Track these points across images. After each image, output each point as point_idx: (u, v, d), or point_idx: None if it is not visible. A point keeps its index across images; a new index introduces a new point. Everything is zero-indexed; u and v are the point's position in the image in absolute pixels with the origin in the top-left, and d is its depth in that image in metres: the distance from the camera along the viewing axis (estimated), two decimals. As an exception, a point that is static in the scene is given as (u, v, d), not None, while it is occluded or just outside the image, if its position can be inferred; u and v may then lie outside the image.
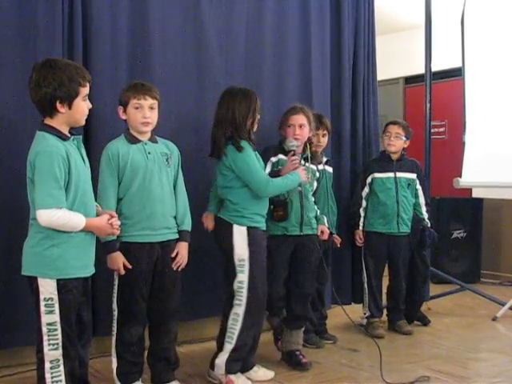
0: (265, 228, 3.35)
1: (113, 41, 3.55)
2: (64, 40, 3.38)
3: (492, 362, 3.72)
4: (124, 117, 3.01)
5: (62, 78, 2.43)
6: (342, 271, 4.55)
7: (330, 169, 4.19)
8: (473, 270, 6.39)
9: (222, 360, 3.23)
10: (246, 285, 3.20)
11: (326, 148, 4.20)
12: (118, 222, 2.63)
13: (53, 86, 2.41)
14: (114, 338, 3.02)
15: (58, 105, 2.44)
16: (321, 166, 4.02)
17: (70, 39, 3.40)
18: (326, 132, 4.08)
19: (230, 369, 3.23)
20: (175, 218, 3.09)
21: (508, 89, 5.08)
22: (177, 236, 3.09)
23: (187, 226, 3.14)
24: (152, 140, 3.05)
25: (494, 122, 5.15)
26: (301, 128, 3.59)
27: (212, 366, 3.29)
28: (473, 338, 4.29)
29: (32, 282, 2.47)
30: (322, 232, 3.76)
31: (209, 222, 3.38)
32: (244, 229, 3.23)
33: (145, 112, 2.98)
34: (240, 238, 3.22)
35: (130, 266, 2.92)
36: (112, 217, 2.60)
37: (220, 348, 3.27)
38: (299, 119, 3.61)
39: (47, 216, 2.39)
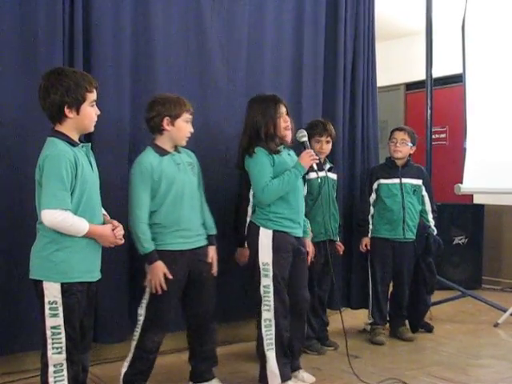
0: (295, 233, 3.32)
1: (115, 47, 3.55)
2: (65, 44, 3.37)
3: (494, 369, 3.71)
4: (169, 128, 3.03)
5: (69, 83, 2.51)
6: (336, 277, 4.52)
7: (333, 176, 4.17)
8: (474, 276, 6.37)
9: (274, 367, 3.20)
10: (271, 289, 3.20)
11: (329, 155, 4.20)
12: (122, 232, 2.66)
13: (60, 91, 2.49)
14: (133, 344, 3.04)
15: (67, 110, 2.51)
16: (323, 173, 4.01)
17: (70, 43, 3.40)
18: (329, 139, 4.07)
19: (284, 375, 3.22)
20: (203, 224, 3.18)
21: (509, 95, 5.09)
22: (206, 242, 3.17)
23: (214, 230, 3.23)
24: (177, 150, 3.13)
25: (495, 128, 5.15)
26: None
27: (263, 379, 3.23)
28: (474, 344, 4.28)
29: (37, 286, 2.51)
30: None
31: None
32: (270, 232, 3.24)
33: (191, 126, 3.11)
34: (265, 241, 3.23)
35: (170, 276, 2.96)
36: (116, 226, 2.63)
37: (263, 358, 3.23)
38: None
39: (51, 217, 2.43)
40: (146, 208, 2.98)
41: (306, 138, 3.41)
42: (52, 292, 2.48)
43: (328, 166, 4.13)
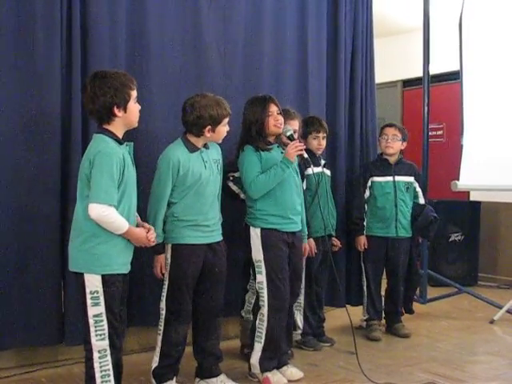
0: (286, 228, 3.36)
1: (111, 43, 3.54)
2: (63, 43, 3.37)
3: (489, 365, 3.73)
4: (209, 135, 3.09)
5: (116, 84, 2.64)
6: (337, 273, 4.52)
7: (328, 172, 4.19)
8: (470, 272, 6.39)
9: (255, 359, 3.35)
10: (265, 285, 3.31)
11: (324, 151, 4.20)
12: (154, 235, 2.78)
13: (109, 93, 2.62)
14: (159, 338, 3.12)
15: (116, 110, 2.65)
16: (320, 169, 4.02)
17: (68, 43, 3.39)
18: (325, 134, 4.10)
19: (264, 367, 3.35)
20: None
21: (506, 92, 5.09)
22: (221, 237, 3.24)
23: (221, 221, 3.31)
24: (206, 146, 3.17)
25: (492, 124, 5.15)
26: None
27: (249, 365, 3.40)
28: (470, 340, 4.29)
29: (78, 278, 2.63)
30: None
31: None
32: (258, 230, 3.34)
33: (228, 127, 3.17)
34: (255, 239, 3.34)
35: (160, 275, 3.10)
36: (149, 229, 2.78)
37: (252, 348, 3.39)
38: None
39: (98, 210, 2.55)
40: (166, 201, 3.05)
41: (291, 132, 3.45)
42: (93, 283, 2.60)
43: (323, 162, 4.14)
